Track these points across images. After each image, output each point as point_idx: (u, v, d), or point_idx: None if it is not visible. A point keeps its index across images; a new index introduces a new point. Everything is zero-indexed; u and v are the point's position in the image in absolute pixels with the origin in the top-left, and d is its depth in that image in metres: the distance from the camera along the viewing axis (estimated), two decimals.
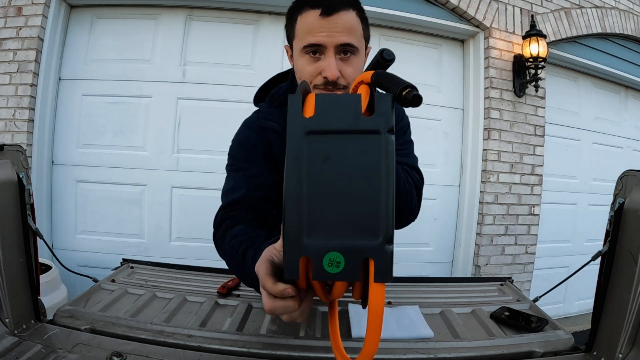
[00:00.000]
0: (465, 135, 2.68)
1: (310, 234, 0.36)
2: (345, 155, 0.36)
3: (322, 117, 0.37)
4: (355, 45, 0.74)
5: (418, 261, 2.63)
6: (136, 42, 2.35)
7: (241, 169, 0.85)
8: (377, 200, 0.36)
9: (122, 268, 1.20)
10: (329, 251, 0.36)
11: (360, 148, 0.36)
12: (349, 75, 0.74)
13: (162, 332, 0.81)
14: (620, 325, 0.74)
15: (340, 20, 0.72)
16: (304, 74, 0.76)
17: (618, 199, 0.81)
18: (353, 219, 0.36)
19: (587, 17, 2.82)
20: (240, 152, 0.88)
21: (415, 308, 0.96)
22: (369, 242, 0.36)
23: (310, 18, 0.73)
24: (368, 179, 0.36)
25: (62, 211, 2.32)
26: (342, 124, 0.37)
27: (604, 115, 3.16)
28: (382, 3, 2.40)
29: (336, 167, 0.36)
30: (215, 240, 0.81)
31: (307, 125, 0.37)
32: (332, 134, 0.37)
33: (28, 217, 0.85)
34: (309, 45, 0.73)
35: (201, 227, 2.34)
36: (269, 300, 0.45)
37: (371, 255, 0.35)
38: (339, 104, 0.38)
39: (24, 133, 2.13)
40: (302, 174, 0.36)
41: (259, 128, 0.87)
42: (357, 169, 0.36)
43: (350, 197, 0.36)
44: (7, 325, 0.77)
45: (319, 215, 0.36)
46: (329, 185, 0.36)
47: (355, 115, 0.37)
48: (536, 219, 2.68)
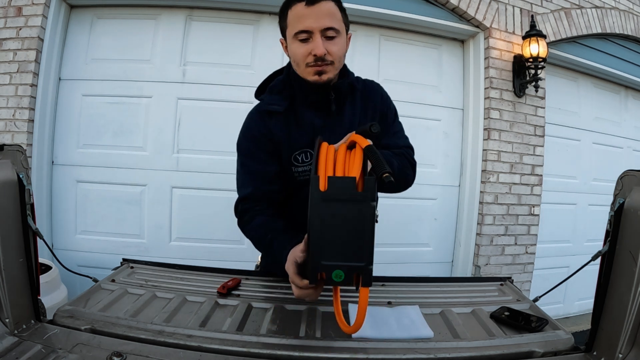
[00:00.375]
0: (465, 135, 2.68)
1: (324, 258, 0.60)
2: (345, 213, 0.59)
3: (331, 190, 0.60)
4: (337, 28, 0.90)
5: (418, 261, 2.64)
6: (136, 42, 2.35)
7: (246, 165, 0.99)
8: (363, 240, 0.59)
9: (122, 268, 1.20)
10: (335, 269, 0.60)
11: (354, 210, 0.59)
12: (335, 52, 0.90)
13: (162, 332, 0.81)
14: (620, 325, 0.74)
15: (322, 8, 0.88)
16: (297, 56, 0.91)
17: (618, 199, 0.81)
18: (349, 250, 0.60)
19: (587, 17, 2.82)
20: (244, 143, 1.00)
21: (415, 308, 0.96)
22: (358, 264, 0.60)
23: (298, 9, 0.88)
24: (358, 227, 0.59)
25: (62, 211, 2.32)
26: (344, 196, 0.59)
27: (604, 115, 3.16)
28: (382, 3, 2.40)
29: (340, 219, 0.59)
30: (241, 227, 1.00)
31: (322, 196, 0.60)
32: (337, 201, 0.59)
33: (28, 217, 0.85)
34: (299, 31, 0.88)
35: (201, 227, 2.34)
36: (297, 290, 0.72)
37: (359, 271, 0.60)
38: (342, 183, 0.60)
39: (24, 133, 2.13)
40: (320, 223, 0.60)
41: (259, 114, 0.99)
42: (352, 221, 0.59)
43: (347, 237, 0.60)
44: (7, 325, 0.77)
45: (329, 247, 0.60)
46: (336, 230, 0.60)
47: (352, 191, 0.60)
48: (536, 219, 2.68)
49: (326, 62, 0.90)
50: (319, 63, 0.89)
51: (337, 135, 0.86)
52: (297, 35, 0.89)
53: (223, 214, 2.36)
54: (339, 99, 0.99)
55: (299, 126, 0.98)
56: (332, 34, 0.89)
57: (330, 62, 0.91)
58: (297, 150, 0.97)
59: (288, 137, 0.97)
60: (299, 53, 0.90)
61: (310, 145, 0.95)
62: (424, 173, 2.59)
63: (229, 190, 2.35)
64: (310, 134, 0.96)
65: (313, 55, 0.88)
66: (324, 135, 0.84)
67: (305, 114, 0.98)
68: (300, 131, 0.97)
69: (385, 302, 1.01)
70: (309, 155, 0.97)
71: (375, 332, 0.84)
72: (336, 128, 0.97)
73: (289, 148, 0.97)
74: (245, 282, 1.09)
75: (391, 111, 1.11)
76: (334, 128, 0.97)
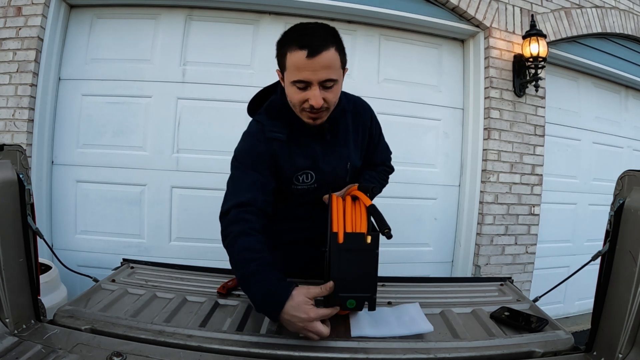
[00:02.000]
0: (465, 135, 2.68)
1: (341, 290, 0.80)
2: (357, 259, 0.78)
3: (347, 243, 0.78)
4: (335, 78, 0.91)
5: (418, 261, 2.63)
6: (136, 42, 2.35)
7: (248, 174, 0.97)
8: (370, 277, 0.80)
9: (122, 268, 1.20)
10: (349, 299, 0.80)
11: (364, 257, 0.78)
12: (330, 100, 0.94)
13: (162, 332, 0.81)
14: (620, 325, 0.74)
15: (322, 60, 0.87)
16: (294, 100, 0.95)
17: (618, 199, 0.81)
18: (359, 285, 0.80)
19: (587, 17, 2.82)
20: (247, 159, 0.99)
21: (415, 305, 0.96)
22: (365, 295, 0.80)
23: (297, 58, 0.88)
24: (367, 269, 0.79)
25: (62, 211, 2.32)
26: (356, 246, 0.78)
27: (604, 115, 3.16)
28: (382, 3, 2.40)
29: (354, 264, 0.79)
30: (224, 237, 0.90)
31: (340, 247, 0.78)
32: (351, 251, 0.78)
33: (28, 217, 0.86)
34: (298, 81, 0.90)
35: (201, 227, 2.34)
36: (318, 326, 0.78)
37: (367, 300, 0.81)
38: (355, 237, 0.78)
39: (24, 133, 2.13)
40: (339, 267, 0.79)
41: (266, 139, 1.00)
42: (362, 265, 0.79)
43: (358, 276, 0.79)
44: (7, 325, 0.77)
45: (346, 282, 0.79)
46: (350, 271, 0.79)
47: (362, 243, 0.77)
48: (536, 219, 2.68)
49: (321, 110, 0.94)
50: (314, 111, 0.93)
51: (336, 156, 1.06)
52: (294, 83, 0.91)
53: None
54: (333, 127, 1.05)
55: (301, 151, 1.03)
56: (330, 84, 0.91)
57: (326, 109, 0.95)
58: (299, 172, 1.03)
59: (290, 160, 1.02)
60: (295, 98, 0.93)
61: (311, 168, 1.03)
62: (424, 173, 2.59)
63: None
64: (311, 158, 1.03)
65: (310, 105, 0.92)
66: (324, 160, 1.04)
67: (305, 140, 1.03)
68: (302, 156, 1.03)
69: (385, 302, 1.01)
70: (309, 176, 1.03)
71: (375, 330, 0.84)
72: (335, 150, 1.07)
73: (291, 170, 1.02)
74: None
75: (378, 129, 1.21)
76: (332, 152, 1.06)
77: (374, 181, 1.17)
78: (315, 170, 1.03)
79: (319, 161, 1.03)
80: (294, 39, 0.89)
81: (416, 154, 2.59)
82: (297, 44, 0.88)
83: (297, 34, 0.90)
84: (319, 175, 1.04)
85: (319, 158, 1.03)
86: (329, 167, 1.05)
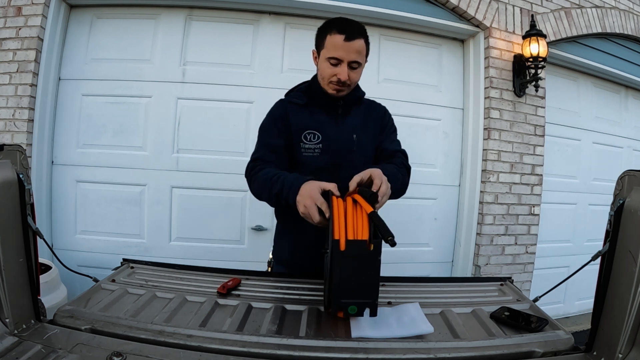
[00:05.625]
0: (465, 135, 2.68)
1: (343, 297, 0.80)
2: (359, 265, 0.79)
3: (349, 250, 0.78)
4: (361, 62, 1.15)
5: (418, 261, 2.63)
6: (136, 41, 2.35)
7: (263, 137, 1.22)
8: (371, 283, 0.81)
9: (122, 268, 1.20)
10: (350, 305, 0.80)
11: (366, 262, 0.79)
12: (354, 79, 1.16)
13: (162, 332, 0.81)
14: (620, 325, 0.74)
15: (355, 45, 1.11)
16: (324, 73, 1.16)
17: (618, 199, 0.81)
18: (361, 291, 0.81)
19: (587, 17, 2.82)
20: (265, 122, 1.24)
21: (415, 305, 0.96)
22: (367, 300, 0.81)
23: (336, 39, 1.10)
24: (368, 275, 0.80)
25: (62, 211, 2.32)
26: (358, 252, 0.78)
27: (604, 115, 3.16)
28: (382, 3, 2.40)
29: (356, 271, 0.79)
30: (249, 178, 1.16)
31: (342, 254, 0.78)
32: (353, 257, 0.78)
33: (28, 217, 0.86)
34: (333, 57, 1.12)
35: (201, 227, 2.34)
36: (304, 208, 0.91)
37: (368, 306, 0.81)
38: (356, 244, 0.78)
39: (24, 133, 2.13)
40: (340, 273, 0.79)
41: (282, 102, 1.27)
42: (364, 270, 0.79)
43: (360, 282, 0.80)
44: (7, 325, 0.77)
45: (347, 288, 0.80)
46: (352, 276, 0.79)
47: (364, 251, 0.78)
48: (536, 219, 2.68)
49: (345, 85, 1.15)
50: (340, 84, 1.14)
51: (343, 126, 1.22)
52: (329, 59, 1.12)
53: (223, 214, 2.36)
54: (345, 107, 1.24)
55: (312, 115, 1.22)
56: (356, 66, 1.14)
57: (348, 85, 1.16)
58: (307, 130, 1.20)
59: (301, 119, 1.21)
60: (327, 72, 1.15)
61: (318, 130, 1.20)
62: (424, 173, 2.59)
63: (229, 190, 2.36)
64: (318, 123, 1.21)
65: (337, 78, 1.13)
66: (331, 127, 1.21)
67: (319, 109, 1.23)
68: (312, 119, 1.22)
69: (385, 302, 1.01)
70: (316, 136, 1.20)
71: (375, 332, 0.84)
72: (344, 121, 1.24)
73: (300, 129, 1.20)
74: (245, 282, 1.10)
75: (391, 125, 1.35)
76: (341, 122, 1.24)
77: (390, 172, 1.09)
78: (321, 132, 1.19)
79: (326, 126, 1.21)
80: (336, 25, 1.12)
81: (416, 154, 2.58)
82: (337, 28, 1.10)
83: (339, 22, 1.13)
84: (325, 138, 1.19)
85: (327, 124, 1.21)
86: (335, 134, 1.21)
